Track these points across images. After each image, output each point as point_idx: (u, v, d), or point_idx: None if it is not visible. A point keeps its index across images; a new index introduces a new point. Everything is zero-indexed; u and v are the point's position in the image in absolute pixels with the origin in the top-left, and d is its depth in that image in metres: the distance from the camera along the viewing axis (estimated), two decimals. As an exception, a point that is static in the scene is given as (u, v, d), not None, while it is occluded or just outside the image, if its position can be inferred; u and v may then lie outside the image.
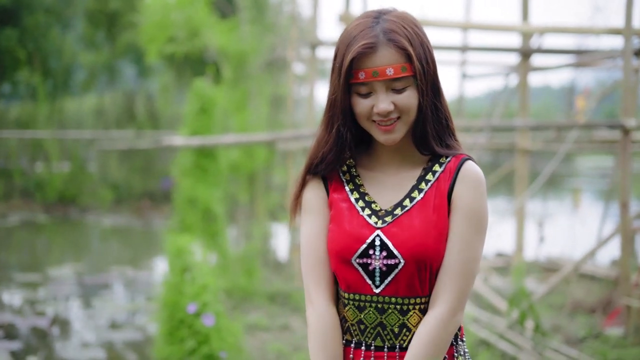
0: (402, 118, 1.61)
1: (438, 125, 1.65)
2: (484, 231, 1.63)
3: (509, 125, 6.83)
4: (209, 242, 6.45)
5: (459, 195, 1.62)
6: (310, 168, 1.72)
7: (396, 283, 1.61)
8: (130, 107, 17.48)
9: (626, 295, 5.40)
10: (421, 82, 1.59)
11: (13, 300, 7.45)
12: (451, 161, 1.67)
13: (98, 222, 13.80)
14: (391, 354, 1.63)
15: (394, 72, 1.57)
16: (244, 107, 8.53)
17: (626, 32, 5.40)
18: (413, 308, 1.62)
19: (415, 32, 1.61)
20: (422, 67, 1.59)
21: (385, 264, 1.60)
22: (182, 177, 6.63)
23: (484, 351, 4.99)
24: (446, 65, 9.54)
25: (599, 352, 4.98)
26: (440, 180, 1.65)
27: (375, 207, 1.66)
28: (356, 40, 1.58)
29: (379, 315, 1.63)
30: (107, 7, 16.85)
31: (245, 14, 8.95)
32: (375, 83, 1.59)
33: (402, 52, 1.58)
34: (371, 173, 1.72)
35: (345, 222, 1.66)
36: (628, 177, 5.46)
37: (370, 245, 1.62)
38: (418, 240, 1.59)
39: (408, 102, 1.60)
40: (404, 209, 1.64)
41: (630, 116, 5.42)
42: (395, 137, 1.62)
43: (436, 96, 1.64)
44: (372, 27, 1.59)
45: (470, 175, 1.64)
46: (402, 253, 1.59)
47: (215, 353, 3.88)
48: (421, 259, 1.59)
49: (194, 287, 4.02)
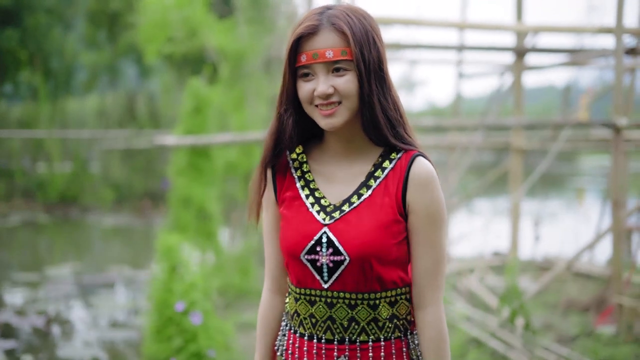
0: (343, 103, 1.62)
1: (389, 115, 1.65)
2: (445, 223, 1.68)
3: (501, 124, 6.83)
4: (203, 241, 6.48)
5: (414, 199, 1.64)
6: (264, 162, 1.76)
7: (343, 279, 1.64)
8: (132, 107, 17.53)
9: (618, 293, 5.41)
10: (360, 68, 1.60)
11: (10, 299, 7.48)
12: (402, 158, 1.68)
13: (99, 222, 13.84)
14: (341, 347, 1.66)
15: (333, 55, 1.60)
16: (242, 106, 8.55)
17: (617, 31, 5.41)
18: (361, 303, 1.65)
19: (361, 21, 1.64)
20: (362, 53, 1.60)
21: (331, 260, 1.63)
22: (177, 177, 6.65)
23: (474, 349, 5.00)
24: (443, 65, 9.55)
25: (590, 350, 4.99)
26: (388, 177, 1.67)
27: (325, 203, 1.69)
28: (301, 25, 1.63)
29: (329, 309, 1.66)
30: (108, 7, 16.91)
31: (243, 13, 8.98)
32: (315, 66, 1.62)
33: (343, 36, 1.61)
34: (323, 167, 1.74)
35: (295, 219, 1.69)
36: (620, 176, 5.47)
37: (318, 241, 1.64)
38: (363, 238, 1.61)
39: (347, 86, 1.61)
40: (351, 206, 1.66)
41: (622, 115, 5.43)
42: (334, 122, 1.63)
43: (383, 86, 1.65)
44: (319, 13, 1.64)
45: (421, 175, 1.65)
46: (347, 250, 1.62)
47: (203, 351, 3.90)
48: (365, 257, 1.61)
49: (182, 285, 4.04)
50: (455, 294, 6.65)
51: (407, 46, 8.79)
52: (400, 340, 1.70)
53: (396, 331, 1.69)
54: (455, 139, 8.59)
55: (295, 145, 1.74)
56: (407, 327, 1.72)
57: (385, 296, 1.66)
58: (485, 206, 15.37)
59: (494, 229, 9.57)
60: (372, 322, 1.66)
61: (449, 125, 7.03)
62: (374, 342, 1.66)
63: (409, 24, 6.65)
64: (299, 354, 1.71)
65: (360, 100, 1.63)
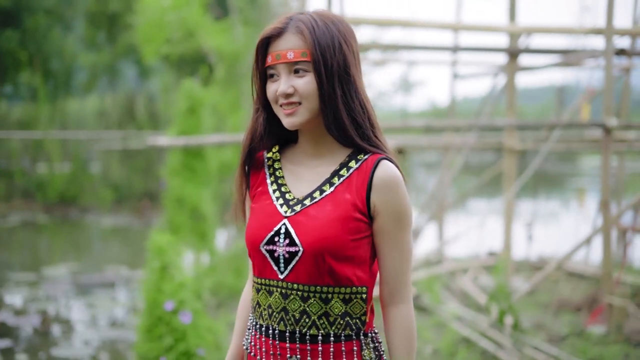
0: (302, 103, 1.68)
1: (355, 117, 1.70)
2: (410, 223, 1.72)
3: (492, 125, 6.87)
4: (197, 241, 6.52)
5: (379, 201, 1.68)
6: (240, 161, 1.83)
7: (297, 270, 1.68)
8: (131, 107, 17.58)
9: (608, 293, 5.44)
10: (319, 69, 1.65)
11: (9, 299, 7.53)
12: (368, 160, 1.71)
13: (98, 223, 13.90)
14: (292, 346, 1.70)
15: (293, 56, 1.66)
16: (238, 107, 8.60)
17: (607, 32, 5.44)
18: (313, 296, 1.68)
19: (327, 25, 1.69)
20: (324, 56, 1.66)
21: (287, 251, 1.68)
22: (171, 177, 6.69)
23: (464, 349, 5.04)
24: (439, 66, 9.58)
25: (579, 349, 5.02)
26: (352, 176, 1.71)
27: (289, 197, 1.74)
28: (268, 28, 1.72)
29: (283, 300, 1.70)
30: (107, 8, 16.97)
31: (239, 15, 9.02)
32: (279, 66, 1.69)
33: (304, 38, 1.67)
34: (294, 166, 1.80)
35: (260, 212, 1.76)
36: (609, 176, 5.50)
37: (277, 232, 1.70)
38: (319, 231, 1.65)
39: (306, 87, 1.67)
40: (313, 200, 1.71)
41: (611, 115, 5.47)
42: (294, 121, 1.69)
43: (349, 89, 1.69)
44: (288, 17, 1.71)
45: (385, 178, 1.68)
46: (302, 242, 1.66)
47: (192, 350, 3.94)
48: (319, 250, 1.65)
49: (172, 285, 4.08)
50: (448, 294, 6.68)
51: (402, 47, 8.84)
52: (352, 341, 1.71)
53: (347, 329, 1.70)
54: (449, 139, 8.63)
55: (268, 144, 1.82)
56: (361, 327, 1.73)
57: (338, 292, 1.68)
58: (482, 206, 15.40)
59: (490, 229, 9.60)
60: (324, 317, 1.68)
61: (439, 126, 7.07)
62: (323, 342, 1.68)
63: (405, 25, 6.70)
64: (259, 353, 1.76)
65: (321, 101, 1.68)
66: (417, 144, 8.90)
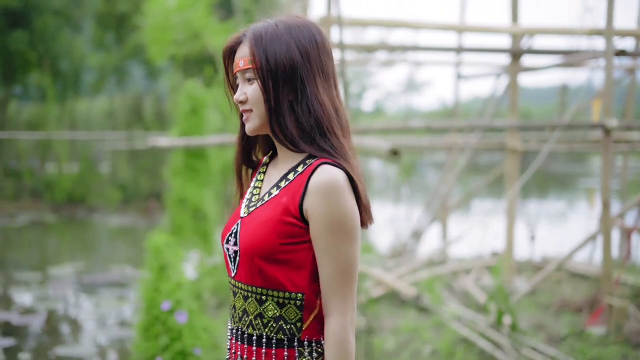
0: (253, 110, 1.72)
1: (302, 123, 1.69)
2: (351, 232, 1.65)
3: (492, 126, 6.87)
4: (199, 241, 6.55)
5: (311, 207, 1.65)
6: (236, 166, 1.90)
7: (240, 270, 1.72)
8: (139, 108, 17.67)
9: (608, 294, 5.43)
10: (261, 75, 1.68)
11: (17, 298, 7.60)
12: (312, 165, 1.69)
13: (105, 222, 13.98)
14: (242, 346, 1.72)
15: (243, 64, 1.71)
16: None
17: (607, 33, 5.44)
18: (251, 296, 1.70)
19: (278, 32, 1.69)
20: (268, 61, 1.67)
21: (234, 250, 1.74)
22: (174, 178, 6.73)
23: (463, 349, 5.05)
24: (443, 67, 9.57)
25: (578, 350, 5.02)
26: (294, 181, 1.70)
27: (254, 200, 1.79)
28: (230, 38, 1.77)
29: (233, 297, 1.76)
30: (115, 9, 17.04)
31: (244, 16, 9.06)
32: (238, 75, 1.74)
33: (251, 46, 1.70)
34: (272, 170, 1.84)
35: (231, 214, 1.84)
36: (610, 177, 5.49)
37: (232, 233, 1.76)
38: (251, 234, 1.69)
39: (253, 94, 1.70)
40: (261, 202, 1.75)
41: (612, 116, 5.46)
42: (249, 127, 1.74)
43: (298, 94, 1.69)
44: (248, 28, 1.75)
45: (320, 183, 1.64)
46: (240, 242, 1.71)
47: (188, 350, 3.98)
48: (248, 251, 1.68)
49: (169, 285, 4.12)
50: (450, 294, 6.69)
51: (408, 48, 8.84)
52: (284, 348, 1.69)
53: (280, 333, 1.68)
54: (453, 140, 8.63)
55: (266, 149, 1.89)
56: (296, 334, 1.69)
57: (272, 295, 1.68)
58: (486, 207, 15.37)
59: (494, 229, 9.59)
60: (259, 318, 1.70)
61: (439, 127, 7.07)
62: (258, 344, 1.69)
63: (410, 27, 6.71)
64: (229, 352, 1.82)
65: (266, 107, 1.70)
66: (419, 145, 8.90)
